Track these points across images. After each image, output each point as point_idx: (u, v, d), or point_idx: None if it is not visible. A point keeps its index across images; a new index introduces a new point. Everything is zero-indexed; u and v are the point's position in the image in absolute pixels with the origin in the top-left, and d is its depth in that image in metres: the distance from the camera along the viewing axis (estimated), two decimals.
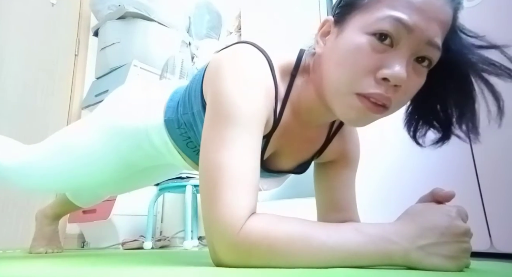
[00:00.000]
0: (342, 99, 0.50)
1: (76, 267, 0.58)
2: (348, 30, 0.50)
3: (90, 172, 0.86)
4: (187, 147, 0.76)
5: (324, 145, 0.70)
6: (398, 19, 0.45)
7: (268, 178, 0.77)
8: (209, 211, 0.46)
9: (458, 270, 0.42)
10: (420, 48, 0.47)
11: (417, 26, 0.45)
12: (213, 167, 0.47)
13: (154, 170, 1.02)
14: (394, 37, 0.46)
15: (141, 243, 1.80)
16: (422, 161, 1.16)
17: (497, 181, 1.04)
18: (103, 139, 0.82)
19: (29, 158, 0.87)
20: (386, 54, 0.47)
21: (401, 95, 0.49)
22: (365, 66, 0.47)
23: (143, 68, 2.18)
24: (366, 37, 0.47)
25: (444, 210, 0.44)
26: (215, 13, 2.57)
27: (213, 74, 0.54)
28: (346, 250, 0.42)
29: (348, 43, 0.49)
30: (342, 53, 0.49)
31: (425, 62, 0.49)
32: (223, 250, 0.44)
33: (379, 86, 0.47)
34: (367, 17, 0.48)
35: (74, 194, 1.16)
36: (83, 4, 2.63)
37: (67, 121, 2.37)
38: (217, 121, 0.49)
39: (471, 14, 1.17)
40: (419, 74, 0.49)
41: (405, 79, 0.46)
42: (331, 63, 0.51)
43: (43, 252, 1.14)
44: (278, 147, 0.65)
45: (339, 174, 0.73)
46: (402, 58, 0.46)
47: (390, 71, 0.46)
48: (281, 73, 0.58)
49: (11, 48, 2.19)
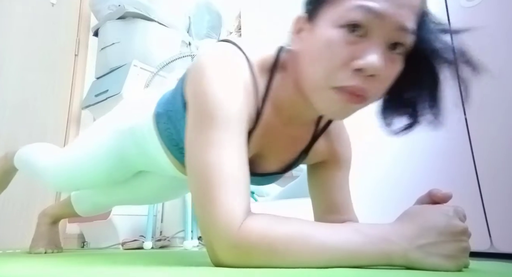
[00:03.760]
0: (320, 94, 0.50)
1: (76, 267, 0.58)
2: (320, 25, 0.50)
3: (92, 166, 0.91)
4: (171, 144, 0.76)
5: (310, 144, 0.69)
6: (368, 8, 0.45)
7: (254, 182, 0.74)
8: (204, 212, 0.46)
9: (457, 270, 0.42)
10: (393, 34, 0.46)
11: (388, 13, 0.45)
12: (202, 167, 0.47)
13: (150, 185, 1.03)
14: (365, 26, 0.46)
15: (141, 243, 1.80)
16: (422, 161, 1.16)
17: (497, 181, 1.04)
18: (110, 139, 0.88)
19: (58, 160, 0.98)
20: (359, 45, 0.47)
21: (378, 84, 0.48)
22: (339, 59, 0.47)
23: (143, 68, 2.17)
24: (338, 30, 0.47)
25: (442, 210, 0.44)
26: (215, 13, 2.57)
27: (193, 75, 0.54)
28: (345, 250, 0.42)
29: (320, 38, 0.49)
30: (316, 49, 0.49)
31: (400, 49, 0.48)
32: (223, 250, 0.44)
33: (355, 77, 0.47)
34: (337, 10, 0.47)
35: (76, 200, 1.18)
36: (83, 4, 2.63)
37: (67, 121, 2.37)
38: (200, 122, 0.49)
39: (471, 14, 1.17)
40: (394, 61, 0.48)
41: (380, 67, 0.46)
42: (306, 59, 0.51)
43: (42, 252, 1.14)
44: (261, 147, 0.64)
45: (331, 176, 0.72)
46: (376, 47, 0.46)
47: (363, 61, 0.46)
48: (260, 70, 0.58)
49: (11, 48, 2.19)
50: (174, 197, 1.19)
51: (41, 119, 2.24)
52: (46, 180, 1.02)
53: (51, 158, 1.01)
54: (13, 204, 1.98)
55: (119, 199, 1.10)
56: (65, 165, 0.96)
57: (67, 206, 1.20)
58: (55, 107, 2.34)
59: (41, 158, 1.04)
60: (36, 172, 1.05)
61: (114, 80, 2.14)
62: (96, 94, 2.22)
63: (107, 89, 2.14)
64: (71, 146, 0.99)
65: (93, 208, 1.17)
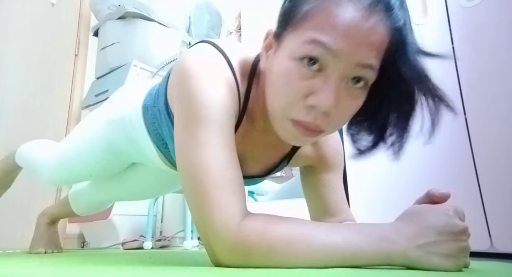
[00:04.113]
0: (278, 122, 0.51)
1: (76, 267, 0.58)
2: (282, 49, 0.49)
3: (85, 157, 0.92)
4: (156, 138, 0.76)
5: (293, 149, 0.69)
6: (322, 44, 0.43)
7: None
8: (201, 214, 0.45)
9: (457, 270, 0.42)
10: (350, 71, 0.45)
11: (343, 51, 0.43)
12: (194, 169, 0.46)
13: (145, 179, 1.02)
14: (321, 61, 0.45)
15: (141, 243, 1.80)
16: (422, 161, 1.16)
17: (497, 181, 1.04)
18: (101, 128, 0.88)
19: (54, 153, 1.00)
20: (315, 80, 0.46)
21: (334, 119, 0.48)
22: (295, 93, 0.47)
23: (143, 68, 2.17)
24: (295, 63, 0.46)
25: (442, 210, 0.44)
26: (215, 13, 2.57)
27: (176, 76, 0.54)
28: (345, 250, 0.42)
29: (279, 67, 0.48)
30: (275, 77, 0.49)
31: (360, 83, 0.46)
32: (222, 251, 0.44)
33: (309, 112, 0.47)
34: (295, 39, 0.46)
35: (73, 199, 1.18)
36: (83, 4, 2.63)
37: (67, 121, 2.37)
38: (187, 123, 0.49)
39: (471, 14, 1.17)
40: (353, 96, 0.47)
41: (333, 105, 0.45)
42: (268, 85, 0.51)
43: (42, 252, 1.14)
44: (242, 151, 0.63)
45: (322, 179, 0.72)
46: (330, 84, 0.45)
47: (316, 99, 0.45)
48: (241, 75, 0.57)
49: (11, 48, 2.19)
50: (170, 191, 1.18)
51: (41, 119, 2.24)
52: (42, 174, 1.03)
53: (48, 152, 1.03)
54: (13, 204, 1.98)
55: (116, 195, 1.10)
56: (59, 157, 0.97)
57: (65, 205, 1.20)
58: (55, 107, 2.34)
59: (39, 153, 1.05)
60: (34, 167, 1.06)
61: (114, 80, 2.14)
62: (96, 94, 2.22)
63: (107, 89, 2.14)
64: (65, 140, 1.00)
65: (90, 206, 1.17)
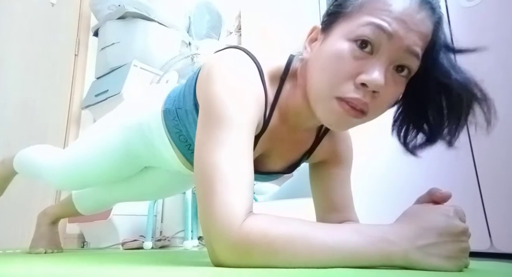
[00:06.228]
0: (323, 103, 0.53)
1: (76, 267, 0.58)
2: (332, 37, 0.52)
3: (101, 163, 0.92)
4: (179, 140, 0.77)
5: (313, 146, 0.72)
6: (379, 26, 0.48)
7: (259, 180, 0.79)
8: (206, 211, 0.46)
9: (457, 270, 0.42)
10: (399, 56, 0.49)
11: (397, 34, 0.48)
12: (208, 167, 0.47)
13: (153, 181, 1.02)
14: (374, 43, 0.49)
15: (141, 243, 1.80)
16: (422, 162, 1.16)
17: (497, 181, 1.04)
18: (118, 134, 0.88)
19: (65, 159, 0.98)
20: (366, 61, 0.49)
21: (378, 102, 0.51)
22: (346, 72, 0.49)
23: (143, 68, 2.18)
24: (348, 44, 0.50)
25: (442, 210, 0.44)
26: (215, 13, 2.57)
27: (205, 79, 0.56)
28: (345, 250, 0.42)
29: (331, 49, 0.51)
30: (325, 59, 0.52)
31: (404, 72, 0.51)
32: (223, 249, 0.44)
33: (358, 91, 0.49)
34: (350, 24, 0.50)
35: (78, 198, 1.17)
36: (83, 4, 2.63)
37: (67, 121, 2.37)
38: (210, 124, 0.51)
39: (471, 14, 1.17)
40: (397, 83, 0.51)
41: (383, 84, 0.48)
42: (315, 69, 0.54)
43: (42, 252, 1.14)
44: (267, 149, 0.66)
45: (333, 174, 0.74)
46: (381, 65, 0.49)
47: (368, 77, 0.48)
48: (270, 78, 0.60)
49: (11, 48, 2.19)
50: (175, 193, 1.18)
51: (41, 119, 2.24)
52: (50, 180, 1.02)
53: (56, 158, 1.01)
54: (13, 204, 1.98)
55: (122, 195, 1.10)
56: (72, 164, 0.96)
57: (68, 205, 1.20)
58: (55, 107, 2.34)
59: (44, 159, 1.04)
60: (38, 172, 1.05)
61: (114, 80, 2.14)
62: (96, 94, 2.22)
63: (107, 89, 2.14)
64: (76, 145, 0.99)
65: (96, 205, 1.17)
